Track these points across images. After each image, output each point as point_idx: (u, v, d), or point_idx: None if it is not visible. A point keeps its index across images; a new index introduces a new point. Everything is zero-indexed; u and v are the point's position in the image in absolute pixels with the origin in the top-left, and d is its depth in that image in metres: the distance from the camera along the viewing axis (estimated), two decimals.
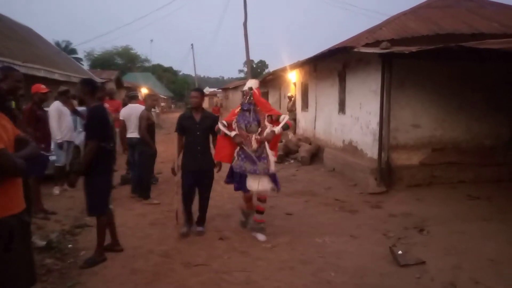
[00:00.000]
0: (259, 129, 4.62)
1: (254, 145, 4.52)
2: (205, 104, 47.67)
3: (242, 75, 61.01)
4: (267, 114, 4.67)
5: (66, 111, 6.61)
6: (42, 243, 4.37)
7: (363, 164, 7.59)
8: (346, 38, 10.77)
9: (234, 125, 4.72)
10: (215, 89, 59.21)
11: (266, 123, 4.61)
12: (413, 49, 5.61)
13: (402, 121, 7.25)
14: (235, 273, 3.84)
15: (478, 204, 6.05)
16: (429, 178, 7.28)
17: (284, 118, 4.62)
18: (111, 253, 4.23)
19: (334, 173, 8.80)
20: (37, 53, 12.72)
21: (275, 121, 4.67)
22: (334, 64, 9.47)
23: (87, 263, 3.97)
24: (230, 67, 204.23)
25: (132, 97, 7.50)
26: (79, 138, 7.03)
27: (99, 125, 3.97)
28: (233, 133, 4.64)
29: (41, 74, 10.62)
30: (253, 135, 4.57)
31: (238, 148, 4.66)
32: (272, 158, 4.55)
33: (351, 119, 8.62)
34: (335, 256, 4.23)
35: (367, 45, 7.11)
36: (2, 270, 2.08)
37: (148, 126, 6.46)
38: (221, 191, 6.93)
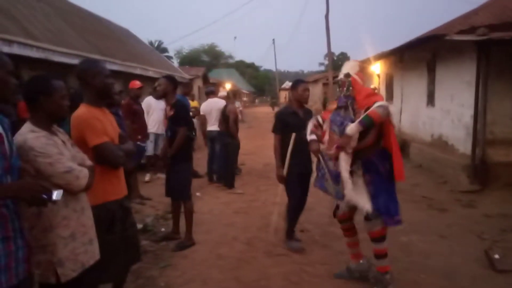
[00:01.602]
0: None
1: (332, 151, 3.22)
2: (283, 99, 47.41)
3: (322, 68, 60.11)
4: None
5: (156, 105, 6.98)
6: (139, 226, 4.79)
7: (454, 160, 7.10)
8: (434, 27, 10.08)
9: (325, 126, 3.49)
10: None
11: None
12: None
13: (500, 114, 6.61)
14: (316, 265, 3.87)
15: None
16: None
17: (371, 108, 3.06)
18: (199, 239, 4.51)
19: (421, 169, 8.35)
20: (133, 52, 13.81)
21: None
22: (422, 54, 8.94)
23: (178, 247, 4.29)
24: (310, 60, 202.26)
25: (209, 92, 7.90)
26: None
27: (187, 115, 4.44)
28: (310, 137, 3.53)
29: (137, 71, 11.53)
30: None
31: (317, 159, 3.58)
32: (346, 176, 3.10)
33: (441, 112, 8.09)
34: (423, 256, 4.05)
35: (460, 32, 6.60)
36: (105, 250, 2.29)
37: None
38: None
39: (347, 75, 3.34)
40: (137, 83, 6.10)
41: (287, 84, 63.39)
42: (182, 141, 4.22)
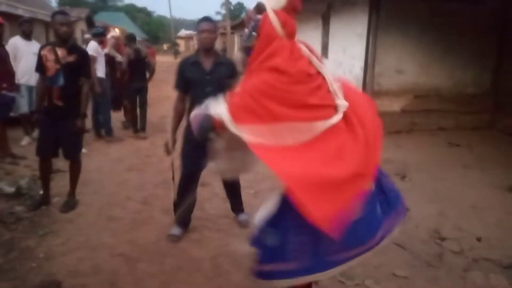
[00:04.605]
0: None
1: None
2: (181, 48, 45.09)
3: (219, 17, 58.66)
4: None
5: (25, 48, 5.78)
6: (10, 189, 4.13)
7: None
8: None
9: None
10: (191, 32, 56.90)
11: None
12: None
13: (387, 66, 7.04)
14: (219, 219, 3.74)
15: (458, 151, 6.09)
16: (410, 125, 7.25)
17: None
18: (86, 200, 4.05)
19: None
20: None
21: None
22: (318, 6, 9.01)
23: (68, 206, 3.86)
24: (206, 9, 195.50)
25: (97, 34, 6.97)
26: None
27: (89, 63, 4.02)
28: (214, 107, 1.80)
29: (3, 8, 9.72)
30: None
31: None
32: None
33: (333, 64, 8.36)
34: None
35: None
36: None
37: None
38: None
39: (260, 8, 1.85)
40: None
41: (183, 32, 60.77)
42: (89, 96, 3.88)
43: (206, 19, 3.19)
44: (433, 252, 3.19)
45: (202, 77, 3.10)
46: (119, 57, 7.09)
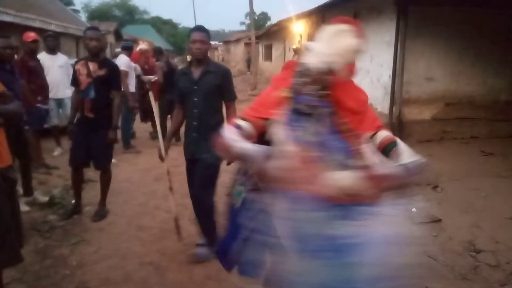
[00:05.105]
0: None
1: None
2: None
3: (243, 27, 59.21)
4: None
5: (51, 62, 5.81)
6: (44, 198, 4.27)
7: None
8: None
9: (281, 135, 1.72)
10: (216, 42, 57.68)
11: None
12: None
13: (416, 74, 6.91)
14: None
15: (492, 160, 5.88)
16: (441, 133, 7.07)
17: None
18: (116, 210, 4.14)
19: None
20: (31, 2, 12.10)
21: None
22: (343, 14, 8.88)
23: (99, 215, 3.94)
24: (231, 19, 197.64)
25: (126, 48, 7.15)
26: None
27: (120, 76, 4.17)
28: (240, 144, 1.71)
29: (37, 24, 10.14)
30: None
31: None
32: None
33: (360, 72, 8.27)
34: None
35: None
36: None
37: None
38: None
39: (327, 71, 1.69)
40: (31, 35, 5.14)
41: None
42: (120, 108, 3.98)
43: (198, 28, 3.05)
44: (468, 265, 3.08)
45: (191, 86, 3.03)
46: (153, 78, 7.15)
